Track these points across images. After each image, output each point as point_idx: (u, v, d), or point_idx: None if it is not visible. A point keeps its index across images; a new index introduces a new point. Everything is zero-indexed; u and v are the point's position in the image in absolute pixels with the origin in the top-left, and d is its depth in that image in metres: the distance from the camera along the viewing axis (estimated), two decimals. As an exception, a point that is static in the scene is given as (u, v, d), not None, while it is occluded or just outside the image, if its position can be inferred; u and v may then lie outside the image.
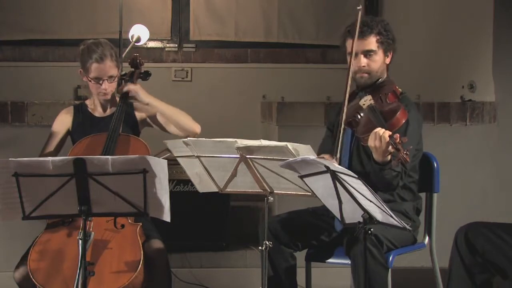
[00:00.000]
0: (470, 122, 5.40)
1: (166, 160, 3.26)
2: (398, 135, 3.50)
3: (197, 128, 4.23)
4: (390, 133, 3.52)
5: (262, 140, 3.51)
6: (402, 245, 3.99)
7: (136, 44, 5.24)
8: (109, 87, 4.19)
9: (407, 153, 3.45)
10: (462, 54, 5.67)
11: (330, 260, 4.03)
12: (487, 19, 5.45)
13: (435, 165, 4.20)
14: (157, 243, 3.95)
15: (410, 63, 4.03)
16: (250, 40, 6.30)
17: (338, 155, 3.83)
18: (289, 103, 5.45)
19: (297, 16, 6.30)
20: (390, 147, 3.50)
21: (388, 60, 4.04)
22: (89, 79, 4.17)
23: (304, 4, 6.32)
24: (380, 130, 3.56)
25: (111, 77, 4.17)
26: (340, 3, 6.29)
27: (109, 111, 4.31)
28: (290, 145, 3.38)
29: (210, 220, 5.26)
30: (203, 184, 3.71)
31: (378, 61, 4.01)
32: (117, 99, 4.26)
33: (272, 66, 6.28)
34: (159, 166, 3.23)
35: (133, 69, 4.36)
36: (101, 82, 4.16)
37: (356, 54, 3.98)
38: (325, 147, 4.15)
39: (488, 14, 5.44)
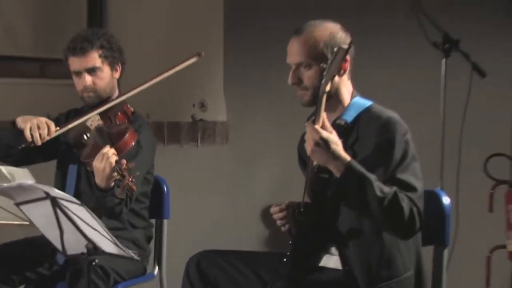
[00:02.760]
0: (201, 143, 5.33)
1: None
2: (125, 161, 3.37)
3: None
4: (117, 157, 3.40)
5: (-29, 163, 3.22)
6: (131, 276, 3.85)
7: None
8: None
9: (133, 180, 3.32)
10: (193, 72, 5.62)
11: (50, 297, 3.76)
12: (217, 38, 5.43)
13: (165, 189, 4.09)
14: None
15: (139, 79, 3.95)
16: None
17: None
18: (5, 122, 5.08)
19: (13, 28, 5.90)
20: (115, 173, 3.36)
21: (117, 75, 3.91)
22: None
23: (22, 16, 5.93)
24: (108, 151, 3.41)
25: None
26: (60, 15, 5.98)
27: None
28: (4, 168, 3.22)
29: None
30: None
31: (105, 78, 3.86)
32: None
33: (-16, 81, 5.82)
34: None
35: None
36: None
37: (80, 73, 3.82)
38: None
39: (218, 34, 5.44)
